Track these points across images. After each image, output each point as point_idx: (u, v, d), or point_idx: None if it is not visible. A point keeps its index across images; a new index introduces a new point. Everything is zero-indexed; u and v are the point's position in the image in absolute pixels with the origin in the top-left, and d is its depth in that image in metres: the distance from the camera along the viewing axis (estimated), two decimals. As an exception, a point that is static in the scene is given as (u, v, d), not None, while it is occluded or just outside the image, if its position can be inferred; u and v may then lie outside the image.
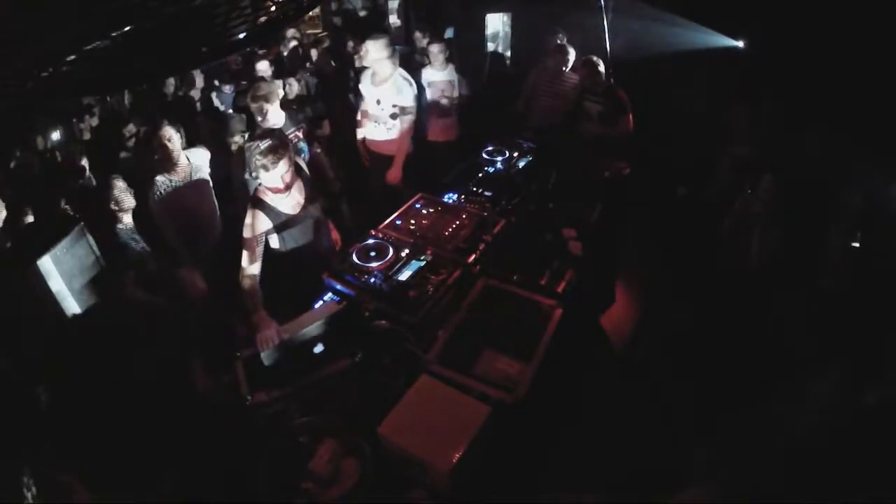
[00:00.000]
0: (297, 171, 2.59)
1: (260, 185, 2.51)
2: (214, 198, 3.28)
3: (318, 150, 3.71)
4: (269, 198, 2.53)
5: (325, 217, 2.86)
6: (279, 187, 2.43)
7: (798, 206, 2.97)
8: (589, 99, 4.15)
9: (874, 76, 3.11)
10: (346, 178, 4.28)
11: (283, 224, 2.58)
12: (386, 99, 3.87)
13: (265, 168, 2.35)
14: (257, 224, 2.50)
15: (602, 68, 4.02)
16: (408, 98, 3.85)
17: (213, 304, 2.97)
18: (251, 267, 2.46)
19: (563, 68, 4.37)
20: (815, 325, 2.58)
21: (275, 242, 2.64)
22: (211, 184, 3.25)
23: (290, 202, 2.59)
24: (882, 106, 2.93)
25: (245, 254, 2.46)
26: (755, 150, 3.65)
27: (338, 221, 3.22)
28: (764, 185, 3.17)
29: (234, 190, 3.30)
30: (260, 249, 2.50)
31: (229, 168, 3.37)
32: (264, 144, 2.34)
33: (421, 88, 4.22)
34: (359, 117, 4.12)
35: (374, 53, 3.78)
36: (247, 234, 2.48)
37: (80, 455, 1.90)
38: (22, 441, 1.69)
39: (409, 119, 3.90)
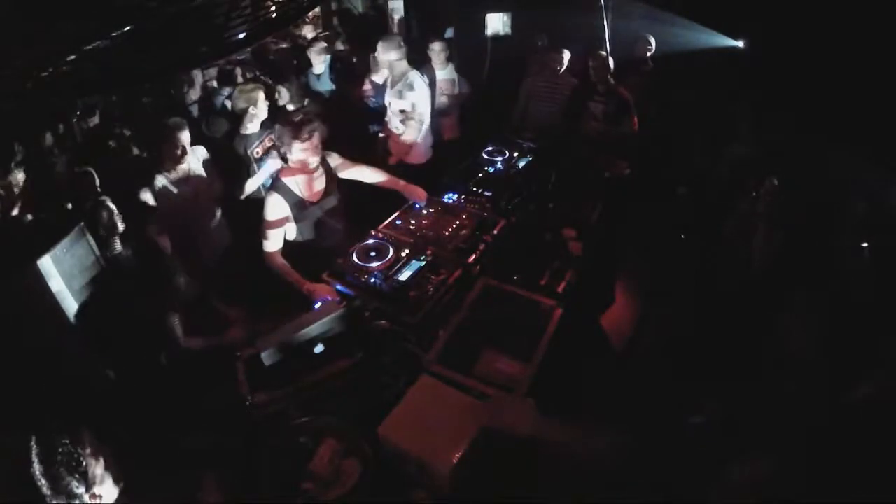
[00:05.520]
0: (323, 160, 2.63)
1: (285, 165, 2.58)
2: (213, 197, 3.28)
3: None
4: (292, 180, 2.56)
5: (342, 209, 2.82)
6: (306, 163, 2.48)
7: (801, 207, 2.97)
8: (593, 98, 4.15)
9: (877, 77, 3.11)
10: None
11: (300, 210, 2.59)
12: (396, 100, 3.88)
13: (297, 139, 2.40)
14: (276, 208, 2.54)
15: (611, 62, 4.02)
16: (416, 97, 3.85)
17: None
18: (272, 246, 2.53)
19: (558, 68, 4.31)
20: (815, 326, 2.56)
21: (291, 232, 2.64)
22: (208, 182, 3.25)
23: (312, 187, 2.63)
24: (884, 107, 2.93)
25: (268, 234, 2.52)
26: (754, 150, 3.64)
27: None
28: (767, 186, 3.16)
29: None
30: (279, 232, 2.55)
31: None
32: (297, 117, 2.41)
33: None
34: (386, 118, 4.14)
35: (386, 55, 3.78)
36: (268, 216, 2.52)
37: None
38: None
39: (417, 121, 3.89)
